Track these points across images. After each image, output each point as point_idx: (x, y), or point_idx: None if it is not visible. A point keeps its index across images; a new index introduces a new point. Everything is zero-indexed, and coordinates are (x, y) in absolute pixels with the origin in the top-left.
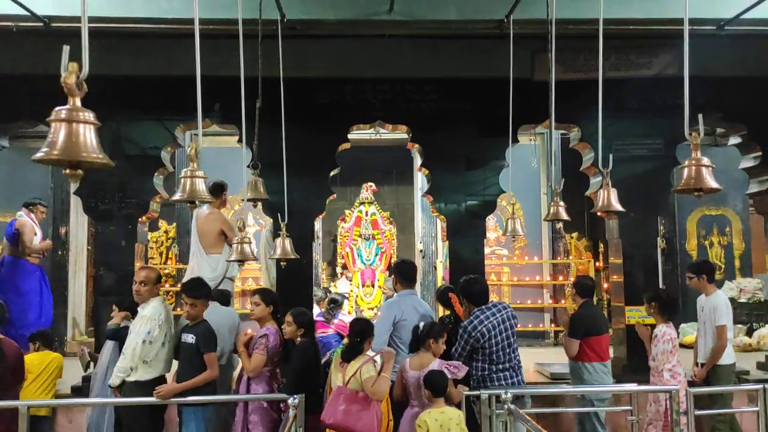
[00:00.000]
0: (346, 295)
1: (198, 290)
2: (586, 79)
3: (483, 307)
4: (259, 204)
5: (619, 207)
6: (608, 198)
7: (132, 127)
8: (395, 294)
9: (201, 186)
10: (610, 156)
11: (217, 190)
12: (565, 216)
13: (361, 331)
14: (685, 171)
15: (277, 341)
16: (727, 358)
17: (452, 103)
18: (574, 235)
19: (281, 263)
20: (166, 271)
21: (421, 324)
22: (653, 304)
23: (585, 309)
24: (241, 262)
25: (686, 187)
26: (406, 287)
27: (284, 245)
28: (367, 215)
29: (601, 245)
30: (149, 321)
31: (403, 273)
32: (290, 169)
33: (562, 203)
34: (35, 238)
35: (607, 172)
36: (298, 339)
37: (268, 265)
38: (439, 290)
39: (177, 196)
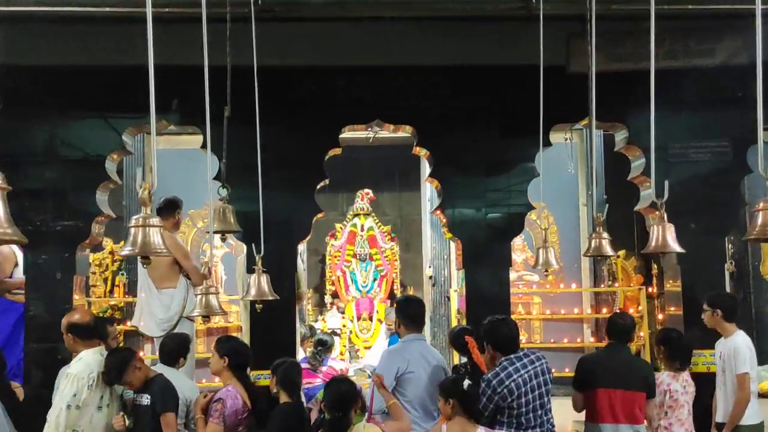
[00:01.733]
0: (338, 332)
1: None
2: (635, 70)
3: (512, 356)
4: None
5: (677, 248)
6: (663, 236)
7: (70, 129)
8: (399, 340)
9: (156, 238)
10: (665, 184)
11: (169, 209)
12: (609, 251)
13: (340, 401)
14: (759, 217)
15: (238, 405)
16: (753, 416)
17: (468, 98)
18: (621, 253)
19: (256, 305)
20: (112, 303)
21: (465, 382)
22: (662, 348)
23: (603, 352)
24: (206, 317)
25: (761, 237)
26: (412, 331)
27: (259, 284)
28: (362, 230)
29: (655, 266)
30: (75, 381)
31: (408, 313)
32: (267, 184)
33: (605, 235)
34: (16, 269)
35: (662, 204)
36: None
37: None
38: (452, 332)
39: (126, 251)
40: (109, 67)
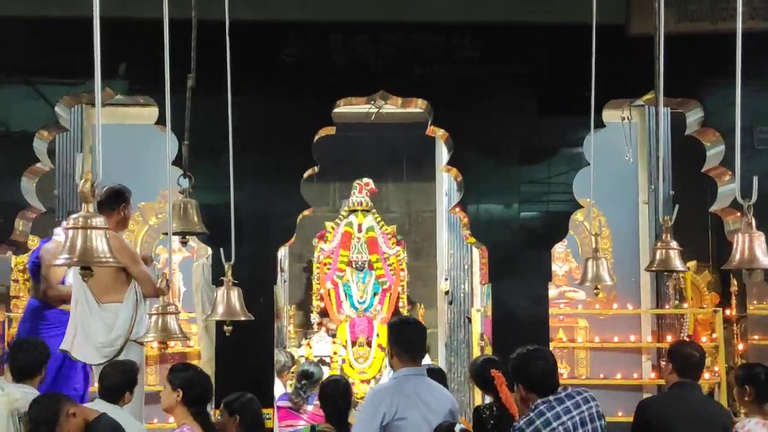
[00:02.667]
0: (327, 360)
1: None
2: (713, 32)
3: (551, 398)
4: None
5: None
6: (750, 248)
7: None
8: (391, 374)
9: (100, 243)
10: (754, 181)
11: (114, 202)
12: (679, 265)
13: None
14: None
15: None
16: None
17: (498, 65)
18: (692, 265)
19: (225, 328)
20: None
21: (458, 427)
22: (746, 388)
23: (669, 392)
24: (162, 343)
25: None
26: (408, 363)
27: (229, 300)
28: (360, 231)
29: (734, 282)
30: None
31: (403, 340)
32: (240, 172)
33: (674, 243)
34: (68, 273)
35: (749, 206)
36: None
37: (205, 313)
38: (474, 363)
39: (62, 260)
40: (39, 19)
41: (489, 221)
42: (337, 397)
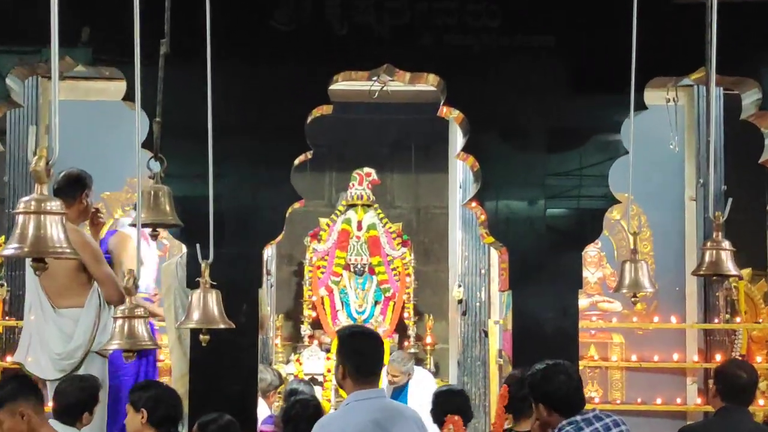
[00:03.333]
0: (320, 379)
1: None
2: None
3: (578, 418)
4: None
5: None
6: None
7: None
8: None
9: (57, 232)
10: None
11: (73, 189)
12: (732, 269)
13: None
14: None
15: None
16: None
17: (522, 36)
18: (746, 273)
19: (201, 337)
20: None
21: None
22: None
23: (715, 419)
24: (129, 351)
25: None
26: (361, 385)
27: (206, 304)
28: (360, 229)
29: None
30: None
31: (353, 356)
32: (221, 157)
33: (726, 244)
34: (151, 270)
35: None
36: None
37: (179, 320)
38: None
39: (11, 250)
40: None
41: (510, 218)
42: (300, 421)
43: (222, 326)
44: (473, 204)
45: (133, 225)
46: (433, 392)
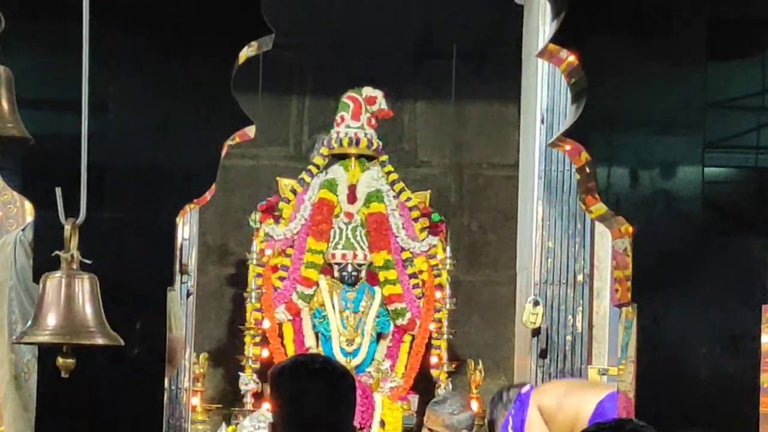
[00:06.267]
0: None
1: None
2: None
3: None
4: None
5: None
6: None
7: None
8: None
9: None
10: None
11: None
12: None
13: None
14: None
15: None
16: None
17: None
18: None
19: (59, 361)
20: None
21: None
22: None
23: None
24: None
25: None
26: None
27: (69, 299)
28: (353, 198)
29: None
30: None
31: (285, 404)
32: (109, 50)
33: None
34: None
35: None
36: None
37: (15, 336)
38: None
39: None
40: None
41: (636, 180)
42: None
43: (100, 341)
44: (566, 145)
45: None
46: None
